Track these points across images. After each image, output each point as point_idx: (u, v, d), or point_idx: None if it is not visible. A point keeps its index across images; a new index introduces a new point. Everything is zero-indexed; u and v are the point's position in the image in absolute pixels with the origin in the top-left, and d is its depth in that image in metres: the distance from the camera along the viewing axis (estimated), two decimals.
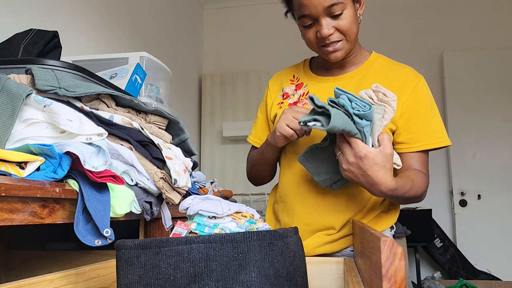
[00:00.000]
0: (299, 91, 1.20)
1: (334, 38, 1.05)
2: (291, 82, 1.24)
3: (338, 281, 0.91)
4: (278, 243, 0.57)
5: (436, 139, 1.08)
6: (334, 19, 1.03)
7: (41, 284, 0.62)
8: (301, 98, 1.18)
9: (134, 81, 1.28)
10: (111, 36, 2.42)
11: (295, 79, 1.24)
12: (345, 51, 1.08)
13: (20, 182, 0.58)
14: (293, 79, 1.24)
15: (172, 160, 0.89)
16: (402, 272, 0.42)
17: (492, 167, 3.56)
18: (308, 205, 1.11)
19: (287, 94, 1.22)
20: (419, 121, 1.07)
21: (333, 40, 1.05)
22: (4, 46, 1.13)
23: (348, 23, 1.04)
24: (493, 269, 3.45)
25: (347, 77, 1.16)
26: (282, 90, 1.24)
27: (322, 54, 1.10)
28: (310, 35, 1.07)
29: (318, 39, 1.06)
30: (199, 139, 3.89)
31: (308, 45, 1.11)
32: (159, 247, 0.55)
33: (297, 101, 1.18)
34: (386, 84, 1.08)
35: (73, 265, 0.90)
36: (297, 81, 1.23)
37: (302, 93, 1.19)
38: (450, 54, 3.75)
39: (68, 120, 0.71)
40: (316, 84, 1.19)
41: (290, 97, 1.21)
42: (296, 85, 1.22)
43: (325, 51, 1.07)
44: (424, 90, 1.10)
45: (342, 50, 1.07)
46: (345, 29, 1.04)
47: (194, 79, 3.91)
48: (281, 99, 1.22)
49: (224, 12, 4.20)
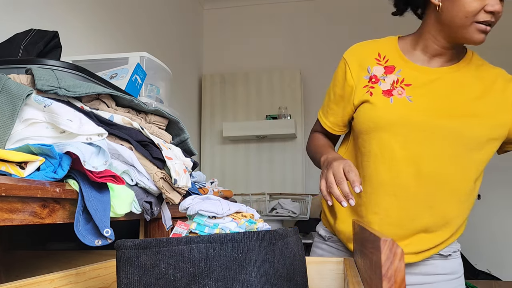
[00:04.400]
0: (391, 76, 1.06)
1: (494, 20, 0.97)
2: (377, 61, 1.09)
3: (338, 281, 0.91)
4: (278, 243, 0.57)
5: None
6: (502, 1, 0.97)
7: (41, 284, 0.62)
8: (395, 86, 1.05)
9: (134, 81, 1.28)
10: (111, 36, 2.42)
11: (383, 59, 1.09)
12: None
13: (20, 182, 0.58)
14: (379, 59, 1.09)
15: (172, 160, 0.89)
16: (402, 272, 0.42)
17: (492, 167, 3.55)
18: None
19: (376, 77, 1.07)
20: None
21: (494, 20, 0.97)
22: (4, 46, 1.12)
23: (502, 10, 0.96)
24: (493, 269, 3.45)
25: (442, 72, 1.07)
26: (368, 71, 1.08)
27: (469, 31, 0.98)
28: (476, 4, 0.95)
29: (482, 12, 0.96)
30: (199, 139, 3.89)
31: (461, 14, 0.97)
32: (159, 247, 0.55)
33: (390, 89, 1.05)
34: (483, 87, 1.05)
35: (73, 265, 0.90)
36: (385, 62, 1.08)
37: (395, 80, 1.06)
38: None
39: (68, 120, 0.71)
40: (411, 72, 1.06)
41: (381, 81, 1.06)
42: (384, 67, 1.08)
43: (477, 28, 0.97)
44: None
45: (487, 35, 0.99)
46: (499, 16, 0.97)
47: (194, 79, 3.91)
48: (368, 81, 1.07)
49: (224, 12, 4.20)
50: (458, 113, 1.03)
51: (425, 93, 1.05)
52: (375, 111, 1.05)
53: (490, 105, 1.04)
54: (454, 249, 1.13)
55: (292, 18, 3.92)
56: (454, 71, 1.07)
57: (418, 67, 1.07)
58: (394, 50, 1.10)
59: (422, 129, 1.03)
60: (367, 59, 1.09)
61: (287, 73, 3.72)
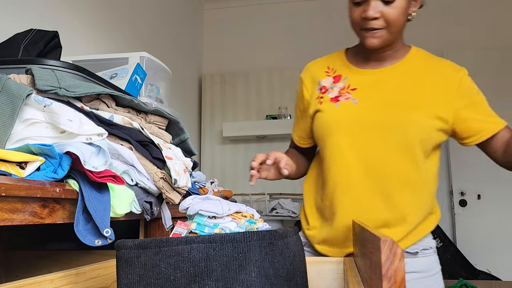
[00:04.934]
0: (339, 84, 1.16)
1: (376, 25, 1.03)
2: (326, 74, 1.19)
3: (338, 281, 0.91)
4: (278, 243, 0.57)
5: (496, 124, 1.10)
6: (385, 5, 1.02)
7: (41, 284, 0.63)
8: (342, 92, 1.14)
9: (134, 81, 1.28)
10: (111, 36, 2.42)
11: (331, 70, 1.19)
12: (383, 40, 1.06)
13: (20, 182, 0.58)
14: (328, 71, 1.19)
15: (172, 160, 0.89)
16: (402, 272, 0.42)
17: (492, 167, 3.53)
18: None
19: (325, 87, 1.17)
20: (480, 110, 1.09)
21: (375, 26, 1.03)
22: (4, 46, 1.12)
23: (396, 14, 1.02)
24: (493, 269, 3.45)
25: (386, 71, 1.13)
26: (319, 84, 1.18)
27: (361, 37, 1.08)
28: (356, 14, 1.05)
29: (362, 20, 1.04)
30: (199, 139, 3.89)
31: (352, 24, 1.08)
32: (159, 247, 0.55)
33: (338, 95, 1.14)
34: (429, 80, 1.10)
35: (73, 265, 0.90)
36: (334, 73, 1.18)
37: (343, 86, 1.14)
38: (450, 54, 3.75)
39: (68, 120, 0.71)
40: (356, 76, 1.14)
41: (329, 90, 1.15)
42: (333, 77, 1.18)
43: (364, 34, 1.05)
44: (470, 81, 1.11)
45: (381, 38, 1.05)
46: (391, 19, 1.02)
47: (194, 79, 3.91)
48: (319, 93, 1.17)
49: (224, 12, 4.20)
50: (404, 105, 1.07)
51: (371, 93, 1.11)
52: (324, 117, 1.13)
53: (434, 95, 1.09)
54: (423, 246, 1.12)
55: (292, 18, 3.92)
56: (397, 68, 1.13)
57: (362, 71, 1.15)
58: (340, 60, 1.20)
59: (369, 127, 1.08)
60: (318, 73, 1.20)
61: (287, 73, 3.72)
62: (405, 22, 1.08)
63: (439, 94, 1.09)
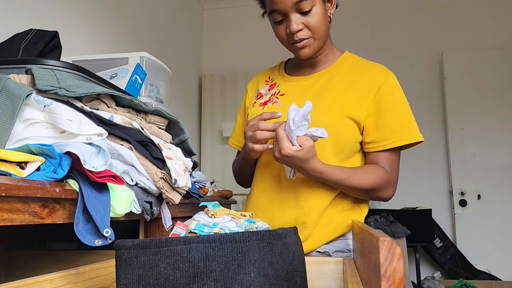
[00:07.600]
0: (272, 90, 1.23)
1: (302, 35, 1.07)
2: (266, 83, 1.28)
3: (338, 281, 0.92)
4: (277, 243, 0.57)
5: (404, 136, 1.07)
6: (304, 16, 1.06)
7: (41, 284, 0.63)
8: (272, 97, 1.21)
9: (134, 81, 1.29)
10: (111, 36, 2.42)
11: (270, 80, 1.27)
12: (314, 48, 1.10)
13: (20, 182, 0.59)
14: (268, 80, 1.28)
15: (172, 160, 0.89)
16: (400, 272, 0.42)
17: (492, 167, 3.56)
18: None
19: (261, 94, 1.25)
20: (386, 119, 1.08)
21: (301, 37, 1.07)
22: (4, 46, 1.13)
23: (317, 21, 1.06)
24: (493, 269, 3.45)
25: (316, 77, 1.18)
26: (257, 91, 1.27)
27: (293, 51, 1.13)
28: (281, 31, 1.10)
29: (288, 35, 1.08)
30: (199, 139, 3.89)
31: (281, 42, 1.13)
32: (159, 247, 0.55)
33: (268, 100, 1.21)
34: (351, 83, 1.12)
35: (73, 265, 0.91)
36: (271, 81, 1.26)
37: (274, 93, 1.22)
38: (450, 54, 3.75)
39: (68, 120, 0.71)
40: (287, 83, 1.21)
41: (263, 97, 1.23)
42: (270, 85, 1.26)
43: (295, 47, 1.10)
44: (392, 87, 1.10)
45: (310, 47, 1.09)
46: (313, 26, 1.06)
47: (194, 79, 3.91)
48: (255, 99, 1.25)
49: (224, 12, 4.20)
50: (319, 107, 1.09)
51: (294, 97, 1.16)
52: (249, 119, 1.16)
53: (351, 96, 1.10)
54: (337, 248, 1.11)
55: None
56: (327, 72, 1.17)
57: (294, 78, 1.21)
58: (278, 70, 1.28)
59: None
60: (260, 83, 1.29)
61: None
62: (328, 25, 1.12)
63: (356, 94, 1.10)
